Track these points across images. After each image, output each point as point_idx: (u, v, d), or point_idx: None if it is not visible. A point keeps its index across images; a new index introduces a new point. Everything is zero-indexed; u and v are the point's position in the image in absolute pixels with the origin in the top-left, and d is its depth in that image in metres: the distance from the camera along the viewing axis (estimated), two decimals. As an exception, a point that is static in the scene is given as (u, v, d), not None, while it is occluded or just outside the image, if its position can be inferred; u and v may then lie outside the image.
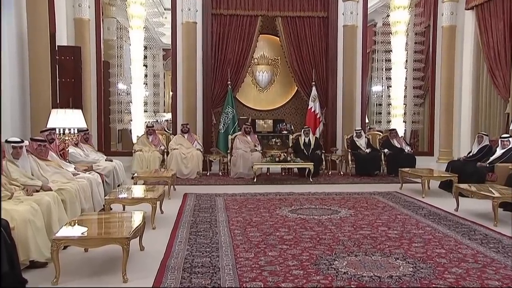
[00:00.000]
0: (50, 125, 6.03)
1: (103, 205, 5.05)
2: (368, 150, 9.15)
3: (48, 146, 5.19)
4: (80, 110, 6.52)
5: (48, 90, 7.04)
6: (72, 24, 9.16)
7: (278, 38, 10.25)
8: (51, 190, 4.27)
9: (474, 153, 7.33)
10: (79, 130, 6.82)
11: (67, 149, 6.30)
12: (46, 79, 7.01)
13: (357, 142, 9.30)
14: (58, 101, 7.58)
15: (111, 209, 4.90)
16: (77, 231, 3.50)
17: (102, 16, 9.73)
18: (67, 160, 5.97)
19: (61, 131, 6.19)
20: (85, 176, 5.29)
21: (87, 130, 7.40)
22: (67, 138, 6.25)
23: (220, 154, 9.46)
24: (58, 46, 7.84)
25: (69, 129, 6.26)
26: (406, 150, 9.23)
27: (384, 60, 10.89)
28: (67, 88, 7.90)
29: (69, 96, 7.82)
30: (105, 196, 5.25)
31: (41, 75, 6.90)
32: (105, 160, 6.97)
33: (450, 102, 10.14)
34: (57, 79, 7.76)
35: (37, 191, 4.16)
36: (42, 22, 6.92)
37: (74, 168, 5.54)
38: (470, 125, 9.61)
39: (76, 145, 6.73)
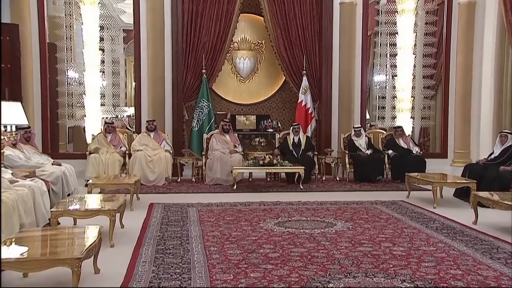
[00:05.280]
0: (-20, 121, 5.90)
1: (49, 219, 4.97)
2: (369, 152, 9.21)
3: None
4: (19, 103, 6.40)
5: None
6: (7, -4, 9.02)
7: (263, 18, 10.24)
8: (-18, 201, 4.17)
9: (497, 155, 7.41)
10: (18, 128, 6.69)
11: (2, 151, 6.15)
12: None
13: (356, 142, 9.35)
14: (-10, 92, 7.43)
15: (58, 223, 4.84)
16: (15, 251, 3.42)
17: (45, -13, 9.59)
18: (2, 165, 5.83)
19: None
20: (26, 183, 5.19)
21: (29, 127, 7.28)
22: (2, 137, 6.11)
23: (193, 156, 9.42)
24: (-12, 23, 7.68)
25: (5, 126, 6.14)
26: (414, 152, 9.31)
27: (388, 45, 10.95)
28: (1, 76, 7.73)
29: (4, 86, 7.69)
30: (51, 208, 5.14)
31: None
32: (52, 164, 6.86)
33: (467, 94, 10.25)
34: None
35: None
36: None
37: (12, 174, 5.43)
38: (491, 121, 9.68)
39: (14, 146, 6.60)
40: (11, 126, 6.25)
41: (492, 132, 9.52)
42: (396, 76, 10.77)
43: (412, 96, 10.70)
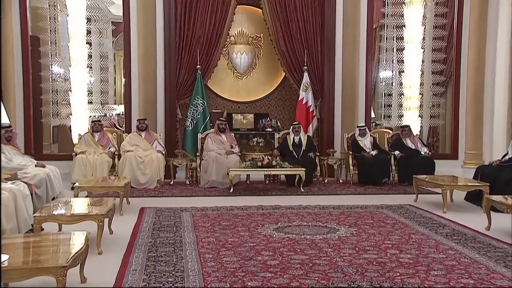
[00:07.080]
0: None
1: (32, 225, 4.94)
2: (374, 152, 9.23)
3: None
4: (-1, 101, 6.39)
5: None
6: (-15, -15, 9.01)
7: (261, 10, 10.26)
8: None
9: (511, 156, 7.42)
10: (-1, 127, 6.67)
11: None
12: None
13: (360, 143, 9.37)
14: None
15: (42, 229, 4.83)
16: (-6, 259, 3.41)
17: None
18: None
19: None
20: (7, 187, 5.18)
21: (10, 126, 7.28)
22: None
23: (187, 157, 9.42)
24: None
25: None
26: (422, 152, 9.33)
27: (395, 38, 10.97)
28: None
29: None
30: (34, 212, 5.14)
31: None
32: (35, 166, 6.84)
33: (479, 91, 10.27)
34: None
35: None
36: None
37: (-8, 176, 5.42)
38: (505, 120, 9.68)
39: (-5, 146, 6.59)
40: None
41: (506, 132, 9.53)
42: (403, 72, 10.80)
43: (420, 93, 10.72)
